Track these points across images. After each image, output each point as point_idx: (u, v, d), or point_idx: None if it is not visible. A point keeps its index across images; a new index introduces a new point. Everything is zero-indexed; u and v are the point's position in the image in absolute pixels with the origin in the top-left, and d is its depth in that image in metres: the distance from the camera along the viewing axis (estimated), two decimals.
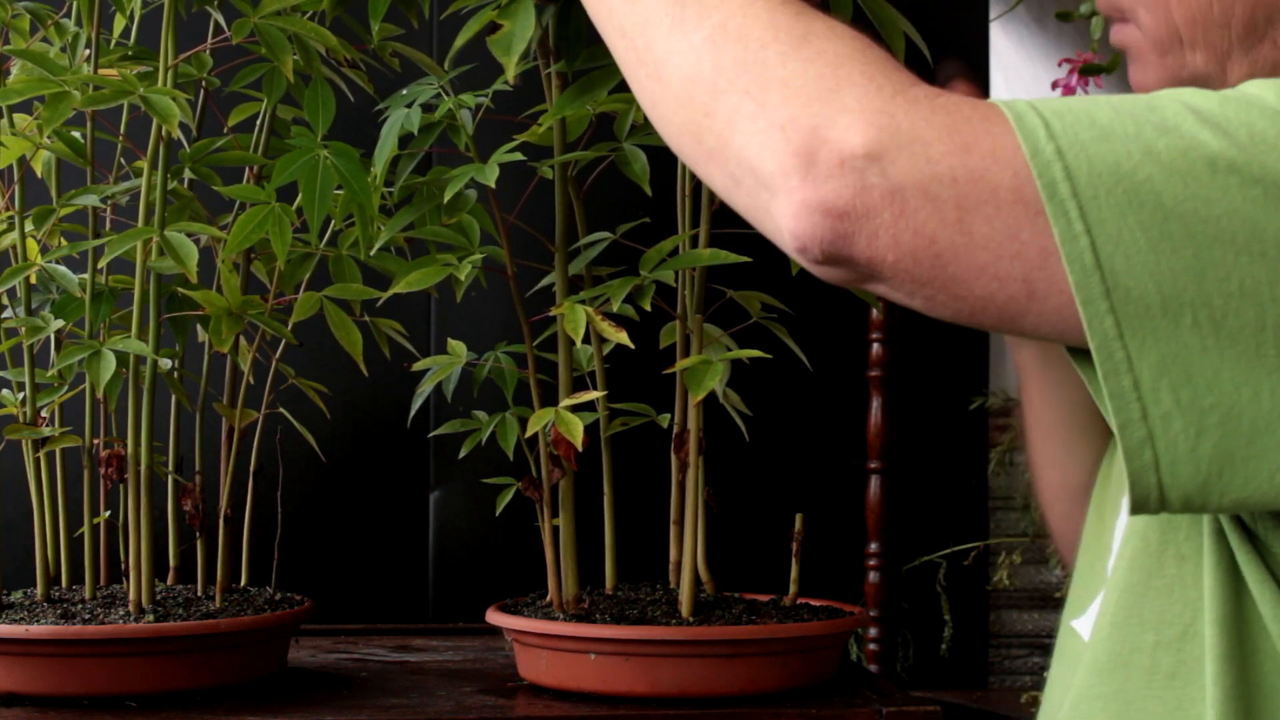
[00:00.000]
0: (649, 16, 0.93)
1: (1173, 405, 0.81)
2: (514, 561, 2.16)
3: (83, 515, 1.56)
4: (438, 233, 1.46)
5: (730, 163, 0.88)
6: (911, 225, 0.82)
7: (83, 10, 1.49)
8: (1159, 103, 0.85)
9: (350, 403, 2.15)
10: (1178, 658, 0.92)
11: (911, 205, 0.82)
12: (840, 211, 0.83)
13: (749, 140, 0.86)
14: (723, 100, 0.88)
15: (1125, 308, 0.80)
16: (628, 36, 0.95)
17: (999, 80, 2.47)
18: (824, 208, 0.83)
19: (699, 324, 1.47)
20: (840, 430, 2.37)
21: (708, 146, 0.89)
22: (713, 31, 0.90)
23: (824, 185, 0.83)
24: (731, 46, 0.89)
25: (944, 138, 0.83)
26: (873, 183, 0.82)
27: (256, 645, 1.46)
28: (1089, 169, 0.82)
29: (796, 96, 0.85)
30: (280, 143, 1.55)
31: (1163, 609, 0.93)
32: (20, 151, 1.51)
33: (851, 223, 0.83)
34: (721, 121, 0.88)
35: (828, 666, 1.47)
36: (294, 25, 1.44)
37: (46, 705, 1.38)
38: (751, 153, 0.86)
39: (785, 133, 0.84)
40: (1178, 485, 0.82)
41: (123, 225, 1.57)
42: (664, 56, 0.92)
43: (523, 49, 1.31)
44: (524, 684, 1.49)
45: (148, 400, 1.48)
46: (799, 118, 0.84)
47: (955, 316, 0.85)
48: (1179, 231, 0.80)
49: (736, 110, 0.87)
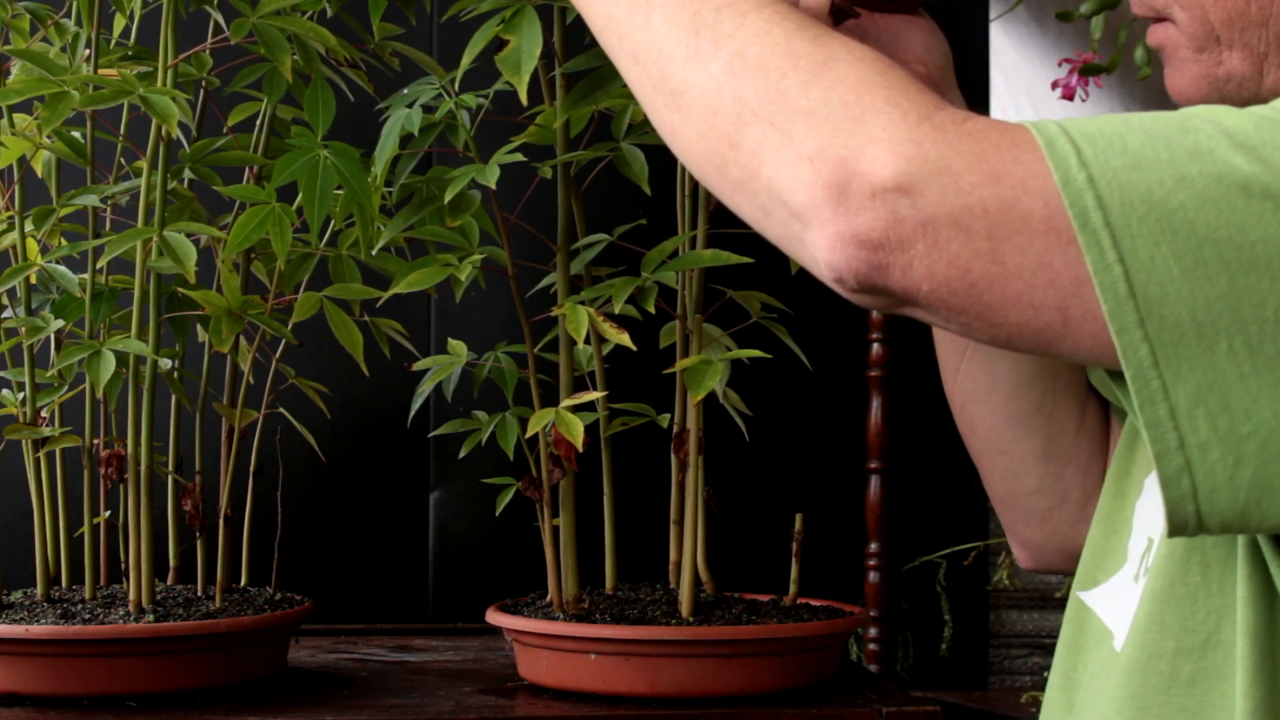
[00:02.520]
0: (662, 45, 0.92)
1: (1210, 433, 0.81)
2: (514, 561, 2.16)
3: (83, 515, 1.56)
4: (438, 233, 1.46)
5: (759, 194, 0.88)
6: (945, 256, 0.82)
7: (83, 10, 1.49)
8: (1192, 125, 0.84)
9: (350, 403, 2.15)
10: (1199, 665, 0.92)
11: (944, 236, 0.82)
12: (874, 243, 0.83)
13: (777, 173, 0.86)
14: (747, 132, 0.87)
15: (1160, 336, 0.80)
16: (641, 64, 0.94)
17: (999, 80, 2.47)
18: (858, 240, 0.83)
19: (699, 324, 1.47)
20: (840, 430, 2.37)
21: (734, 178, 0.89)
22: (730, 60, 0.89)
23: (857, 217, 0.83)
24: (751, 76, 0.88)
25: (974, 166, 0.83)
26: (905, 214, 0.82)
27: (256, 645, 1.46)
28: (1121, 197, 0.81)
29: (822, 127, 0.85)
30: (280, 143, 1.54)
31: (1185, 616, 0.93)
32: (20, 151, 1.51)
33: (886, 254, 0.83)
34: (747, 153, 0.87)
35: (828, 666, 1.47)
36: (293, 25, 1.44)
37: (46, 705, 1.38)
38: (781, 185, 0.86)
39: (814, 165, 0.84)
40: (1216, 513, 0.82)
41: (123, 225, 1.57)
42: (682, 86, 0.91)
43: (533, 66, 1.30)
44: (524, 684, 1.49)
45: (148, 400, 1.48)
46: (827, 149, 0.84)
47: (992, 341, 0.85)
48: (1213, 259, 0.80)
49: (762, 142, 0.87)
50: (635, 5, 0.94)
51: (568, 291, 1.48)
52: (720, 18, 0.91)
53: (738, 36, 0.90)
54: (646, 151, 1.46)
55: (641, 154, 1.47)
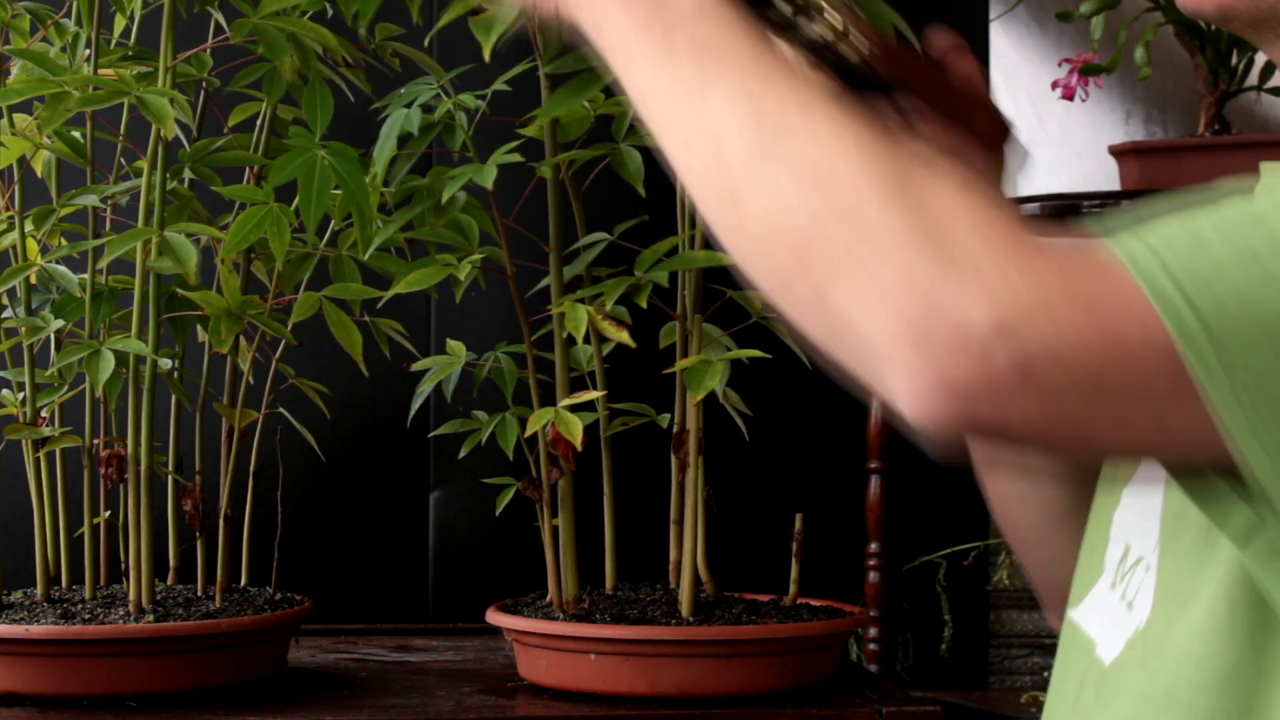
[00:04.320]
0: (721, 136, 0.83)
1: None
2: (514, 561, 2.16)
3: (83, 515, 1.56)
4: (437, 233, 1.46)
5: (829, 321, 0.80)
6: (1041, 395, 0.77)
7: (83, 10, 1.49)
8: (1262, 214, 0.81)
9: (350, 403, 2.15)
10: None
11: (1040, 376, 0.77)
12: (964, 390, 0.77)
13: (851, 304, 0.78)
14: (817, 253, 0.79)
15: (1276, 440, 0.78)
16: (694, 152, 0.85)
17: (999, 80, 2.47)
18: (945, 387, 0.77)
19: (698, 324, 1.47)
20: (840, 430, 2.37)
21: (800, 298, 0.81)
22: (800, 169, 0.81)
23: (945, 363, 0.76)
24: (823, 190, 0.80)
25: (1065, 297, 0.77)
26: (998, 357, 0.76)
27: (256, 645, 1.46)
28: (1217, 307, 0.78)
29: (902, 257, 0.77)
30: (280, 143, 1.55)
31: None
32: (20, 151, 1.51)
33: (976, 400, 0.77)
34: (817, 276, 0.79)
35: (828, 666, 1.47)
36: (293, 25, 1.44)
37: (46, 705, 1.38)
38: (856, 319, 0.78)
39: (895, 302, 0.77)
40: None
41: (123, 225, 1.57)
42: (742, 189, 0.82)
43: (502, 30, 1.32)
44: (524, 684, 1.49)
45: (148, 400, 1.48)
46: (909, 284, 0.77)
47: (1082, 460, 0.81)
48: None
49: (834, 267, 0.79)
50: (687, 84, 0.85)
51: (561, 291, 1.48)
52: (786, 113, 0.83)
53: (806, 139, 0.81)
54: (644, 153, 1.46)
55: (638, 155, 1.47)
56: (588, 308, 1.40)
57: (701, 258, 1.42)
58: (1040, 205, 2.02)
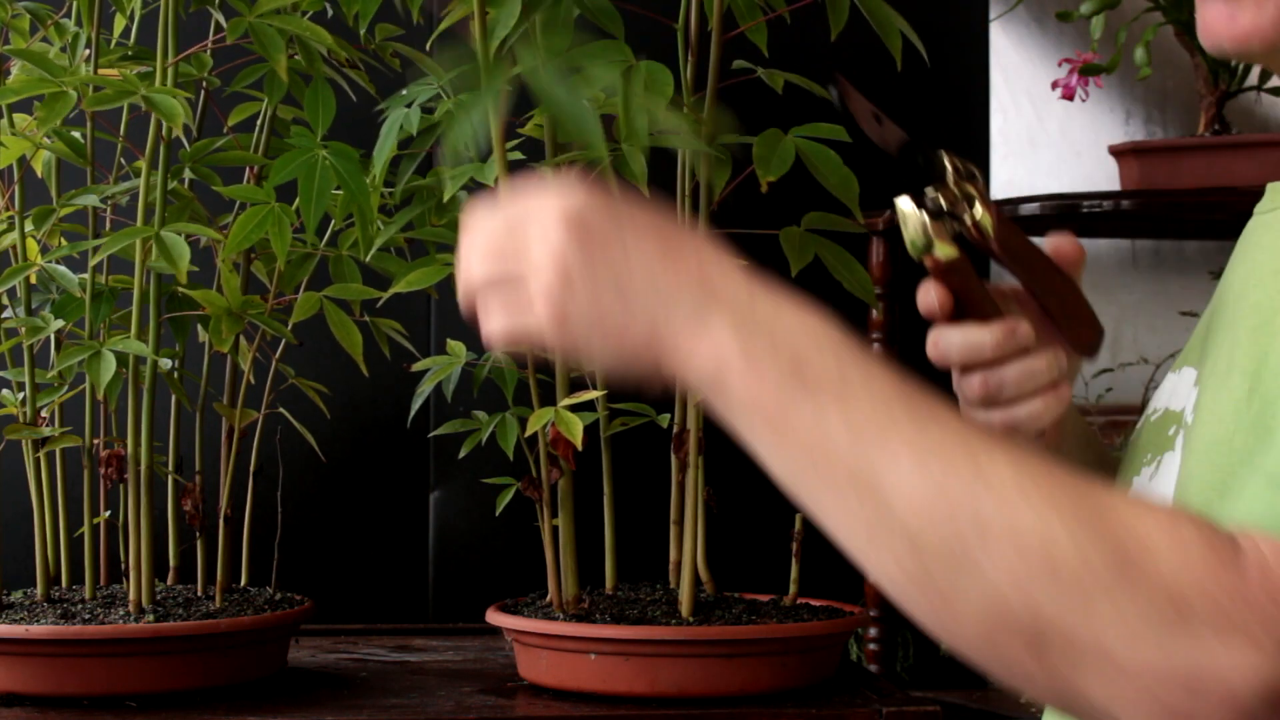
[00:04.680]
0: (910, 531, 0.76)
1: None
2: (514, 561, 2.16)
3: (83, 515, 1.56)
4: (437, 233, 1.46)
5: (1073, 702, 0.75)
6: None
7: (83, 10, 1.49)
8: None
9: (350, 403, 2.15)
10: None
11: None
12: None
13: (1097, 693, 0.73)
14: (1049, 642, 0.73)
15: None
16: (881, 551, 0.78)
17: (999, 80, 2.47)
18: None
19: None
20: None
21: (1040, 682, 0.75)
22: (1007, 538, 0.74)
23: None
24: (1033, 571, 0.73)
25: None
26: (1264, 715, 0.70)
27: (256, 645, 1.46)
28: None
29: (1142, 635, 0.71)
30: (280, 143, 1.55)
31: None
32: (20, 151, 1.51)
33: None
34: (1055, 663, 0.73)
35: (828, 666, 1.47)
36: (293, 25, 1.44)
37: (46, 705, 1.38)
38: (1113, 708, 0.73)
39: (1149, 690, 0.71)
40: None
41: (123, 225, 1.57)
42: (948, 587, 0.75)
43: (505, 33, 1.32)
44: (524, 684, 1.49)
45: (148, 400, 1.48)
46: (1159, 668, 0.71)
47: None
48: None
49: (1072, 656, 0.73)
50: (858, 429, 0.78)
51: None
52: (976, 459, 0.76)
53: (1001, 494, 0.74)
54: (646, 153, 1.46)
55: (641, 156, 1.46)
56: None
57: None
58: (1040, 205, 2.02)
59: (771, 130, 1.40)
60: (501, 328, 0.86)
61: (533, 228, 0.83)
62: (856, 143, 1.40)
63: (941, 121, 2.33)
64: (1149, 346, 2.44)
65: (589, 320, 0.82)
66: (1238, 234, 1.03)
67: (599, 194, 0.83)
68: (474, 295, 0.88)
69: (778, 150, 1.38)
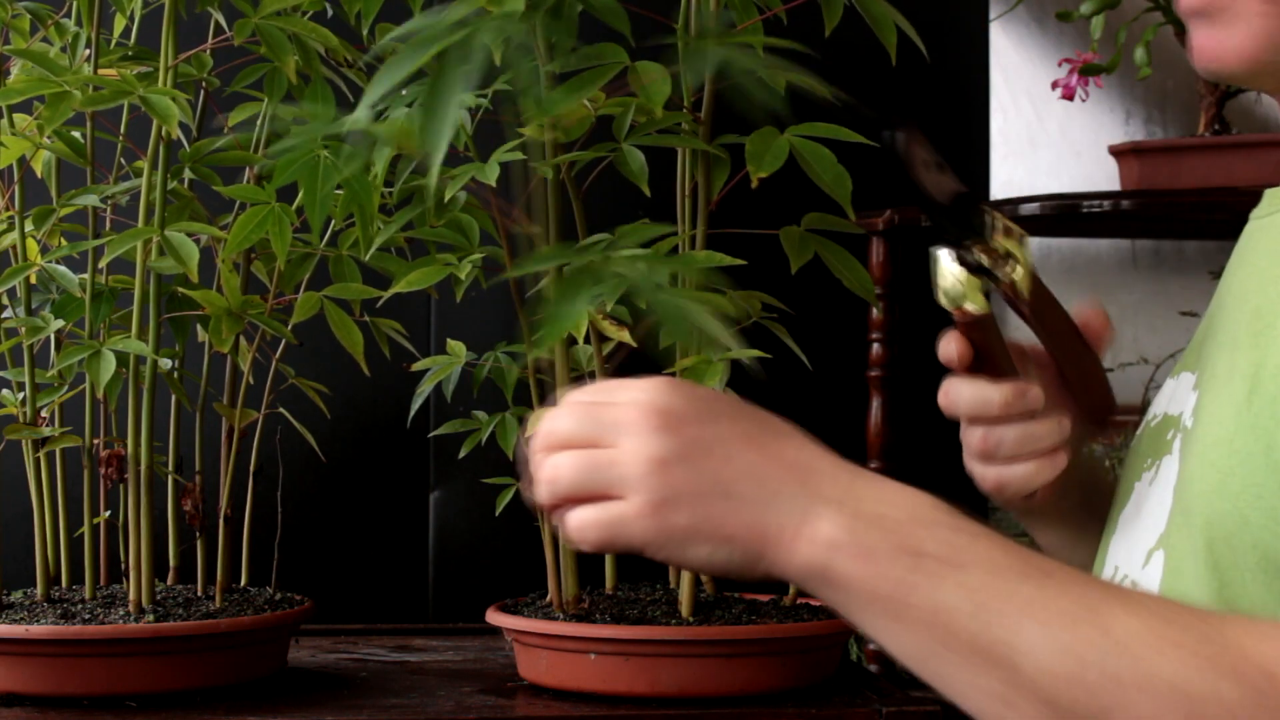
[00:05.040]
0: (1054, 665, 0.77)
1: None
2: (514, 561, 2.16)
3: (83, 515, 1.56)
4: (438, 233, 1.46)
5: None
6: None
7: (83, 10, 1.49)
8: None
9: (350, 403, 2.15)
10: None
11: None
12: None
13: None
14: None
15: None
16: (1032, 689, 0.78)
17: (999, 80, 2.47)
18: None
19: None
20: (840, 430, 2.36)
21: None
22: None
23: None
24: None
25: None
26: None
27: (256, 645, 1.46)
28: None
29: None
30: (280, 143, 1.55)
31: None
32: (20, 151, 1.51)
33: None
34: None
35: (828, 666, 1.47)
36: (294, 25, 1.44)
37: (46, 705, 1.38)
38: None
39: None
40: None
41: (123, 225, 1.57)
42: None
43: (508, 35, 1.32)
44: (524, 684, 1.49)
45: (148, 400, 1.48)
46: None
47: None
48: None
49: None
50: (979, 601, 0.79)
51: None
52: (1098, 614, 0.77)
53: (1128, 647, 0.76)
54: (646, 152, 1.46)
55: (641, 155, 1.47)
56: (588, 307, 1.40)
57: (702, 258, 1.42)
58: (1040, 205, 2.02)
59: (766, 128, 1.40)
60: (592, 533, 0.85)
61: (622, 427, 0.83)
62: (855, 143, 1.40)
63: (941, 121, 2.33)
64: (1149, 347, 2.44)
65: (688, 521, 0.83)
66: (1238, 234, 1.03)
67: (681, 387, 0.84)
68: (556, 500, 0.86)
69: (771, 148, 1.38)
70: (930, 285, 1.00)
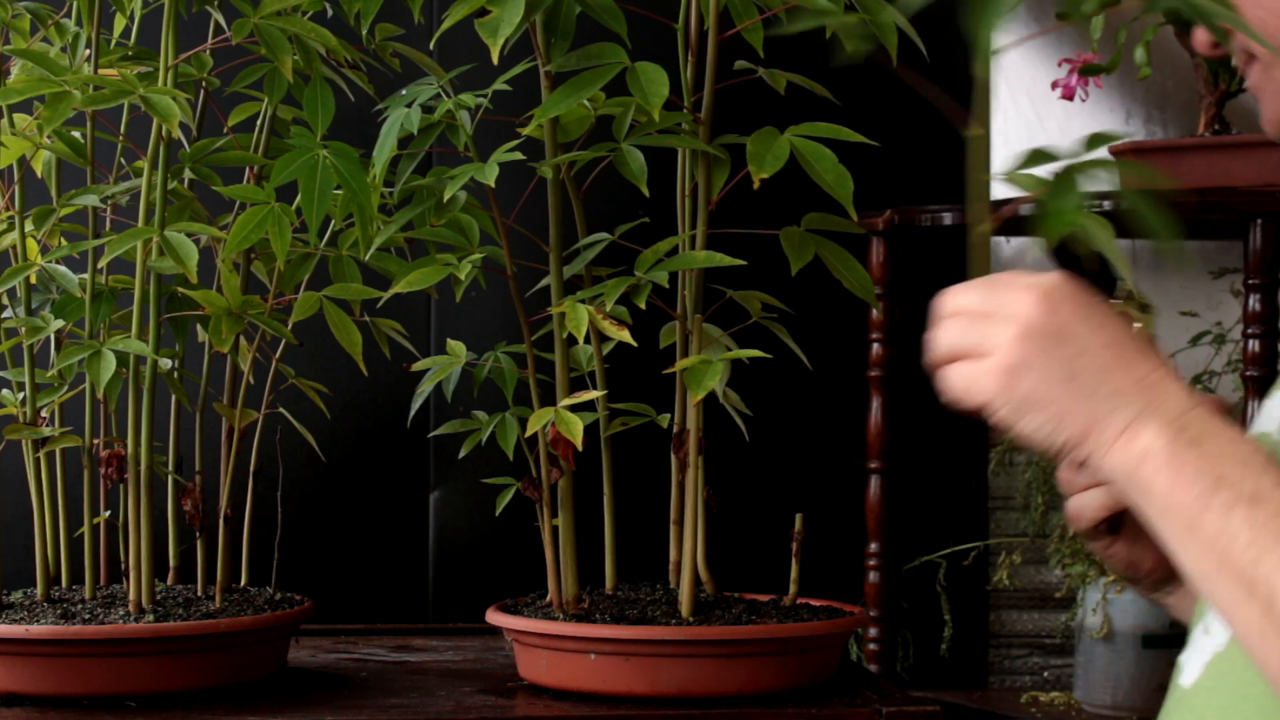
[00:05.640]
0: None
1: None
2: (514, 561, 2.16)
3: (83, 515, 1.56)
4: (437, 233, 1.46)
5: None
6: None
7: (83, 10, 1.49)
8: None
9: (350, 403, 2.15)
10: None
11: None
12: None
13: None
14: None
15: None
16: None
17: (999, 80, 2.47)
18: None
19: (699, 324, 1.47)
20: (840, 430, 2.37)
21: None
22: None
23: None
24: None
25: None
26: None
27: (256, 645, 1.46)
28: None
29: None
30: (280, 143, 1.55)
31: None
32: (20, 151, 1.51)
33: None
34: None
35: (828, 666, 1.47)
36: (294, 25, 1.44)
37: (46, 705, 1.38)
38: None
39: None
40: None
41: (123, 225, 1.57)
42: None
43: (509, 33, 1.33)
44: (524, 684, 1.49)
45: (148, 400, 1.48)
46: None
47: None
48: None
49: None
50: (1258, 538, 0.86)
51: (561, 290, 1.48)
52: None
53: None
54: (646, 153, 1.46)
55: (640, 155, 1.46)
56: (588, 307, 1.40)
57: (701, 258, 1.42)
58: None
59: (767, 128, 1.40)
60: (956, 390, 0.95)
61: (1009, 302, 0.93)
62: (855, 143, 1.40)
63: (941, 121, 2.33)
64: None
65: (1034, 400, 0.92)
66: (1238, 234, 1.04)
67: (1074, 288, 0.94)
68: (941, 358, 0.97)
69: (772, 148, 1.38)
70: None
